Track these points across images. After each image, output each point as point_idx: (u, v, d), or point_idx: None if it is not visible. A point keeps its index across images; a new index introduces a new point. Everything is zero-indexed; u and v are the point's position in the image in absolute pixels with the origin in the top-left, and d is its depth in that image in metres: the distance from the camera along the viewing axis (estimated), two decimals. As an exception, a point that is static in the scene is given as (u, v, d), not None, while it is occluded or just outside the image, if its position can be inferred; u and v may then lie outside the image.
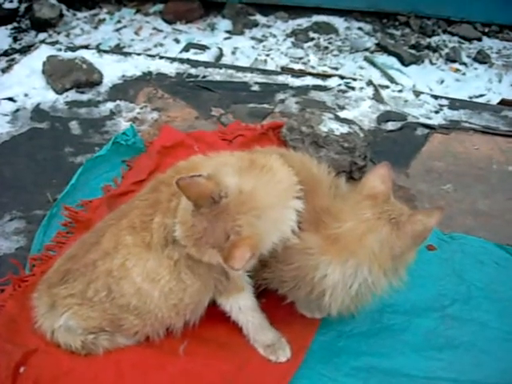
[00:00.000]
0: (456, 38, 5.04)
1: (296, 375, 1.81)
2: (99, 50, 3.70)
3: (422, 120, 3.05)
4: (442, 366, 1.89)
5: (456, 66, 4.71)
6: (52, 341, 1.81)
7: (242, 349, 1.87)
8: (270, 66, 4.49)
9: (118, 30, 5.22)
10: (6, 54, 4.88)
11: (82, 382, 1.76)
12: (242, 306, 1.83)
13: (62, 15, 5.31)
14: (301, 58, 4.77)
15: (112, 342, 1.82)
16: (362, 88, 3.28)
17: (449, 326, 2.02)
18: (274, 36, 5.10)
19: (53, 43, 4.27)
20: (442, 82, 4.48)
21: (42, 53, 3.42)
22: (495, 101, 3.94)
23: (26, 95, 3.14)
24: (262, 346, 1.87)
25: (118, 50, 4.74)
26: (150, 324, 1.79)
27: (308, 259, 1.66)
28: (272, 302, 1.93)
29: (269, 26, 5.24)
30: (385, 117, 3.06)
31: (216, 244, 1.53)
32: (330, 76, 3.48)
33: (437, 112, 3.12)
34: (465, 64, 4.72)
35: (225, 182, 1.54)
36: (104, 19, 5.39)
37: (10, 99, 3.10)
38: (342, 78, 3.42)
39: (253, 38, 5.06)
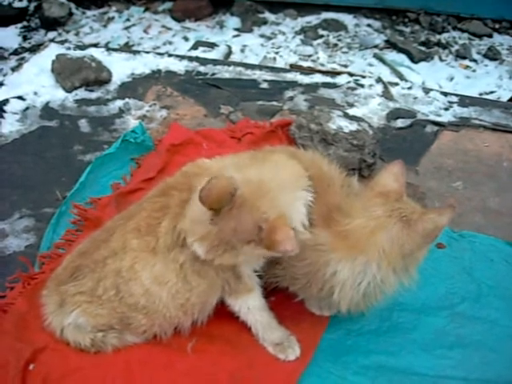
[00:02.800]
0: (466, 35, 5.02)
1: (304, 373, 1.81)
2: (108, 48, 3.71)
3: (432, 117, 3.02)
4: (451, 365, 1.87)
5: (466, 62, 4.70)
6: (61, 338, 1.82)
7: (250, 347, 1.87)
8: (279, 64, 4.50)
9: (126, 28, 5.25)
10: (15, 52, 4.91)
11: (91, 379, 1.76)
12: (251, 307, 1.83)
13: (71, 14, 5.35)
14: (310, 56, 4.77)
15: (121, 340, 1.82)
16: (371, 85, 3.26)
17: (458, 324, 2.00)
18: (283, 33, 5.10)
19: (62, 42, 4.29)
20: (452, 79, 4.47)
21: (51, 51, 3.42)
22: (506, 98, 3.93)
23: (35, 94, 3.15)
24: (271, 344, 1.86)
25: (127, 48, 4.75)
26: (158, 323, 1.79)
27: (319, 255, 1.66)
28: (281, 300, 1.94)
29: (278, 24, 5.24)
30: (394, 114, 3.04)
31: (251, 237, 1.52)
32: (339, 73, 3.46)
33: (446, 109, 3.09)
34: (475, 61, 4.71)
35: (232, 176, 1.54)
36: (113, 17, 5.42)
37: (20, 98, 3.10)
38: (351, 75, 3.40)
39: (262, 36, 5.07)
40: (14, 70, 3.97)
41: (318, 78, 3.34)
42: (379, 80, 3.29)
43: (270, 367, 1.82)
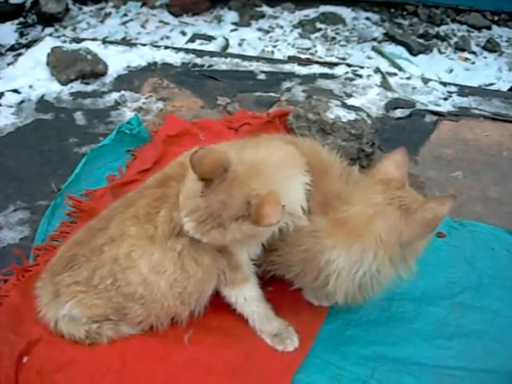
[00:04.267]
0: (465, 27, 4.99)
1: (303, 364, 1.78)
2: (104, 40, 3.68)
3: (431, 107, 2.99)
4: (452, 355, 1.84)
5: (465, 55, 4.67)
6: (55, 331, 1.79)
7: (248, 338, 1.84)
8: (277, 58, 4.46)
9: (124, 23, 5.23)
10: (12, 48, 4.89)
11: (86, 371, 1.73)
12: (248, 297, 1.81)
13: (68, 9, 5.33)
14: (308, 49, 4.75)
15: (116, 331, 1.80)
16: (369, 76, 3.23)
17: (459, 314, 1.97)
18: (281, 27, 5.08)
19: (58, 37, 4.26)
20: (451, 71, 4.45)
21: (47, 44, 3.39)
22: (505, 89, 3.90)
23: (30, 87, 3.12)
24: (269, 335, 1.84)
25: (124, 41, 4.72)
26: (154, 314, 1.77)
27: (315, 242, 1.63)
28: (279, 290, 1.92)
29: (275, 17, 5.22)
30: (393, 104, 3.01)
31: (239, 213, 1.51)
32: (336, 64, 3.43)
33: (446, 99, 3.06)
34: (474, 53, 4.69)
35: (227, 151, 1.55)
36: (110, 13, 5.40)
37: (15, 91, 3.08)
38: (349, 65, 3.37)
39: (259, 30, 5.04)
40: (9, 65, 3.94)
41: (315, 69, 3.31)
42: (377, 70, 3.27)
43: (268, 358, 1.79)
